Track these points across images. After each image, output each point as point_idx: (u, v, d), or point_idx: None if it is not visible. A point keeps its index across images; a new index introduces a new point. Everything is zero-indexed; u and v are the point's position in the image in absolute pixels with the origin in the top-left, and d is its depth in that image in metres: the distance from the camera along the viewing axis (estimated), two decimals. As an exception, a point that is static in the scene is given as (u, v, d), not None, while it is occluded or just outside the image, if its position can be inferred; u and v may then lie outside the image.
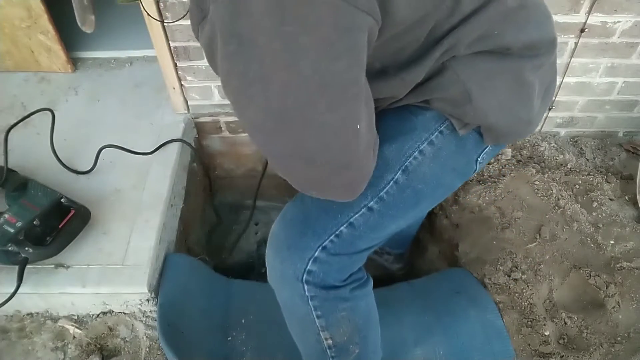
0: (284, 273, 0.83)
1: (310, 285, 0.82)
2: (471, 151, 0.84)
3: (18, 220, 1.13)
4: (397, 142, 0.80)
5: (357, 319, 0.89)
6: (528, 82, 0.78)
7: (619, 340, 1.19)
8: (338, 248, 0.81)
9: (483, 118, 0.78)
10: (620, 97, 1.61)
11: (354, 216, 0.80)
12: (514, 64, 0.75)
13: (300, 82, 0.56)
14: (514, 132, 0.84)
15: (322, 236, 0.80)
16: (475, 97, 0.74)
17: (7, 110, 1.63)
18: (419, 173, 0.80)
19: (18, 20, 1.61)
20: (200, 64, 1.47)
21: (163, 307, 1.19)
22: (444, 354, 1.21)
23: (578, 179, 1.55)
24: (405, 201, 0.82)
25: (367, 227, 0.81)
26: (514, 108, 0.79)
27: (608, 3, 1.33)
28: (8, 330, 1.23)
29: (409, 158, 0.79)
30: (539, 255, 1.34)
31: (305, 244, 0.81)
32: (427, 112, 0.80)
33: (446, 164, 0.82)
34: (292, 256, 0.82)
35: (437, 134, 0.80)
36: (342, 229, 0.80)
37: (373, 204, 0.80)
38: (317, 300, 0.84)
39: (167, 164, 1.45)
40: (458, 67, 0.73)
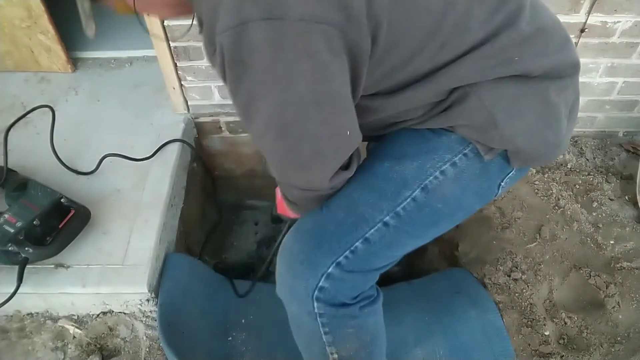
0: (295, 288, 0.82)
1: (321, 302, 0.80)
2: (495, 175, 0.83)
3: (18, 220, 1.13)
4: (418, 161, 0.80)
5: (365, 336, 0.88)
6: (554, 104, 0.77)
7: (619, 340, 1.19)
8: (353, 265, 0.79)
9: (510, 143, 0.77)
10: (620, 97, 1.61)
11: (370, 231, 0.79)
12: (539, 86, 0.75)
13: (297, 100, 0.64)
14: (542, 155, 0.83)
15: (337, 252, 0.79)
16: (501, 123, 0.74)
17: (7, 110, 1.63)
18: (439, 193, 0.79)
19: (18, 20, 1.61)
20: (200, 64, 1.47)
21: (163, 307, 1.19)
22: (444, 354, 1.21)
23: (578, 179, 1.55)
24: (423, 220, 0.81)
25: (383, 244, 0.80)
26: (542, 131, 0.78)
27: (608, 3, 1.33)
28: (8, 330, 1.23)
29: (429, 177, 0.79)
30: (539, 255, 1.34)
31: (319, 259, 0.79)
32: (452, 134, 0.79)
33: (468, 186, 0.81)
34: (305, 271, 0.80)
35: (461, 156, 0.79)
36: (358, 244, 0.79)
37: (389, 219, 0.79)
38: (325, 317, 0.82)
39: (167, 164, 1.45)
40: (482, 93, 0.73)
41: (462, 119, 0.75)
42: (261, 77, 0.63)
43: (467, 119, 0.75)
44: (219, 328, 1.27)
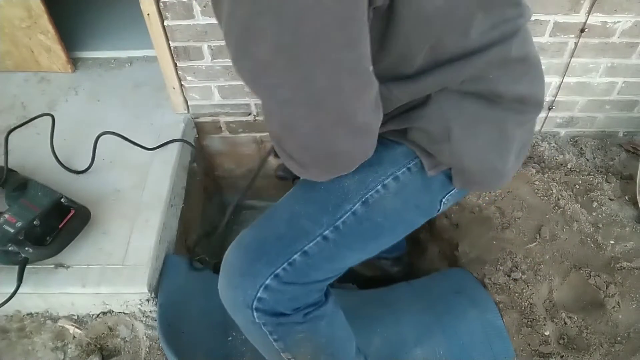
0: (235, 300, 0.82)
1: (260, 312, 0.80)
2: (436, 191, 0.83)
3: (18, 220, 1.13)
4: (360, 174, 0.78)
5: (318, 339, 0.87)
6: (510, 136, 0.78)
7: (619, 340, 1.19)
8: (291, 277, 0.79)
9: (457, 160, 0.76)
10: (620, 97, 1.61)
11: (309, 244, 0.78)
12: (501, 114, 0.75)
13: (320, 11, 0.50)
14: (485, 181, 0.82)
15: (275, 263, 0.79)
16: (454, 138, 0.73)
17: (7, 110, 1.63)
18: (380, 207, 0.78)
19: (18, 20, 1.61)
20: (200, 64, 1.47)
21: (163, 307, 1.19)
22: (444, 354, 1.21)
23: (578, 179, 1.55)
24: (363, 233, 0.80)
25: (322, 257, 0.79)
26: (491, 158, 0.78)
27: (608, 3, 1.33)
28: (8, 330, 1.23)
29: (370, 191, 0.78)
30: (539, 255, 1.34)
31: (257, 270, 0.79)
32: (398, 147, 0.79)
33: (409, 200, 0.81)
34: (244, 283, 0.80)
35: (405, 170, 0.79)
36: (296, 257, 0.78)
37: (328, 232, 0.78)
38: (269, 326, 0.82)
39: (167, 163, 1.45)
40: (445, 102, 0.72)
41: (420, 122, 0.74)
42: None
43: (424, 123, 0.74)
44: (219, 328, 1.27)
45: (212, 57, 1.45)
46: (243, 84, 1.53)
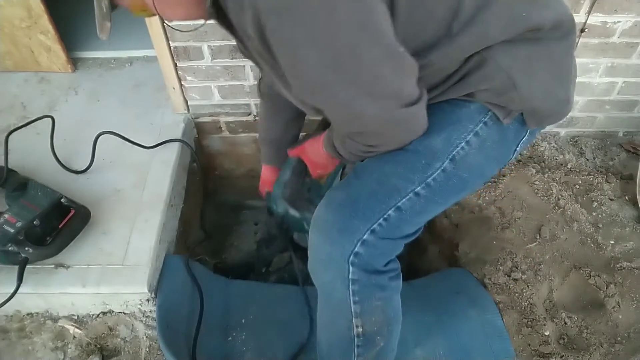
0: (332, 255, 0.85)
1: (355, 267, 0.84)
2: (511, 140, 0.88)
3: (18, 220, 1.13)
4: (444, 132, 0.83)
5: (389, 311, 0.92)
6: (563, 64, 0.84)
7: (619, 340, 1.19)
8: (386, 232, 0.83)
9: (528, 103, 0.81)
10: (620, 97, 1.61)
11: (402, 200, 0.83)
12: (548, 47, 0.80)
13: (341, 27, 0.64)
14: (555, 113, 0.87)
15: (371, 219, 0.83)
16: (519, 84, 0.78)
17: (7, 110, 1.63)
18: (466, 163, 0.84)
19: (18, 20, 1.61)
20: (200, 64, 1.47)
21: (162, 307, 1.19)
22: (444, 354, 1.21)
23: (578, 179, 1.55)
24: (451, 188, 0.85)
25: (413, 212, 0.84)
26: (555, 89, 0.84)
27: (608, 3, 1.33)
28: (8, 330, 1.23)
29: (456, 148, 0.83)
30: (539, 255, 1.34)
31: (355, 226, 0.83)
32: (470, 104, 0.83)
33: (489, 154, 0.86)
34: (341, 238, 0.84)
35: (482, 125, 0.83)
36: (391, 212, 0.83)
37: (420, 189, 0.83)
38: (357, 284, 0.86)
39: (167, 163, 1.45)
40: (498, 57, 0.77)
41: (483, 83, 0.79)
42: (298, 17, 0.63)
43: (487, 83, 0.79)
44: (219, 328, 1.27)
45: (212, 57, 1.45)
46: (243, 84, 1.54)
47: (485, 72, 0.78)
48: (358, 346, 0.93)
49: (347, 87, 0.70)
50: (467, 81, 0.80)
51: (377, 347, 0.94)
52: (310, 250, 0.90)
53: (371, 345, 0.93)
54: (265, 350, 1.24)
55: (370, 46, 0.67)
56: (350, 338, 0.92)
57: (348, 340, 0.92)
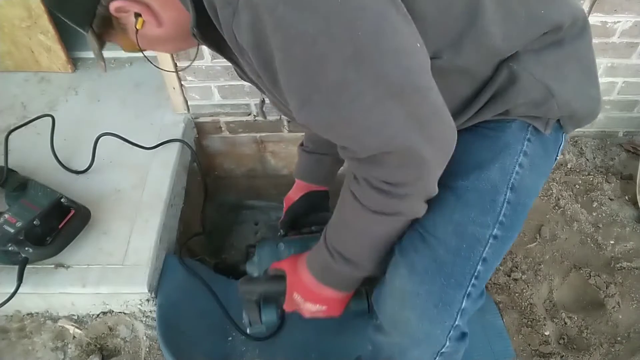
0: (431, 333, 0.77)
1: (453, 341, 0.77)
2: (552, 151, 0.84)
3: (18, 220, 1.13)
4: (497, 161, 0.77)
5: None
6: (588, 60, 0.82)
7: (619, 340, 1.20)
8: (478, 291, 0.76)
9: (566, 108, 0.77)
10: (620, 97, 1.61)
11: (485, 249, 0.75)
12: (572, 46, 0.77)
13: (360, 14, 0.55)
14: (591, 112, 0.84)
15: (464, 283, 0.75)
16: (555, 90, 0.74)
17: (7, 110, 1.63)
18: (524, 187, 0.78)
19: (18, 20, 1.61)
20: (200, 64, 1.47)
21: (162, 307, 1.19)
22: (444, 354, 1.20)
23: (578, 179, 1.55)
24: (518, 219, 0.79)
25: (495, 258, 0.77)
26: (587, 89, 0.81)
27: (608, 3, 1.33)
28: (8, 330, 1.23)
29: (512, 174, 0.77)
30: (539, 255, 1.34)
31: (451, 297, 0.75)
32: (511, 123, 0.78)
33: (540, 171, 0.82)
34: (441, 314, 0.75)
35: (527, 143, 0.78)
36: (479, 267, 0.75)
37: (496, 231, 0.76)
38: (444, 355, 0.80)
39: (167, 163, 1.45)
40: (529, 67, 0.73)
41: (520, 98, 0.74)
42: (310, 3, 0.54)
43: (524, 96, 0.74)
44: (219, 328, 1.27)
45: (212, 57, 1.45)
46: (243, 84, 1.53)
47: (519, 86, 0.72)
48: None
49: (374, 85, 0.58)
50: (502, 98, 0.74)
51: None
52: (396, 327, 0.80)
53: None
54: (266, 350, 1.24)
55: (392, 36, 0.57)
56: None
57: None
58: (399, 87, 0.59)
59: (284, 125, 1.68)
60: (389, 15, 0.57)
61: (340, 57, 0.56)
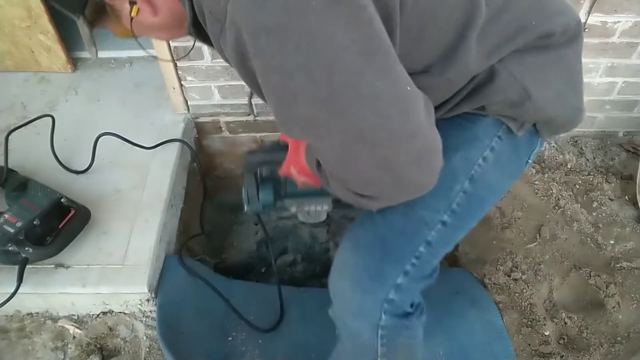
0: (364, 304, 0.80)
1: (388, 314, 0.79)
2: (523, 153, 0.84)
3: (18, 220, 1.13)
4: (462, 150, 0.78)
5: (415, 349, 0.88)
6: (574, 70, 0.81)
7: (619, 340, 1.20)
8: (418, 271, 0.78)
9: (542, 113, 0.77)
10: (620, 97, 1.61)
11: (431, 233, 0.78)
12: (559, 53, 0.77)
13: (342, 55, 0.54)
14: (570, 121, 0.84)
15: (403, 261, 0.78)
16: (533, 94, 0.74)
17: (7, 110, 1.63)
18: (483, 180, 0.79)
19: (18, 20, 1.61)
20: (200, 64, 1.47)
21: (162, 307, 1.19)
22: (444, 354, 1.20)
23: (578, 179, 1.55)
24: (472, 211, 0.80)
25: (442, 243, 0.80)
26: (568, 97, 0.80)
27: (608, 3, 1.33)
28: (8, 330, 1.23)
29: (474, 166, 0.78)
30: (539, 255, 1.34)
31: (386, 271, 0.78)
32: (485, 118, 0.79)
33: (505, 169, 0.82)
34: (374, 286, 0.78)
35: (496, 139, 0.79)
36: (422, 249, 0.78)
37: (446, 217, 0.78)
38: (386, 329, 0.81)
39: (167, 164, 1.45)
40: (510, 67, 0.73)
41: (495, 95, 0.74)
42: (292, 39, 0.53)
43: (500, 95, 0.74)
44: (219, 328, 1.27)
45: (212, 57, 1.45)
46: (243, 84, 1.53)
47: (497, 83, 0.73)
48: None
49: (344, 130, 0.58)
50: (479, 94, 0.75)
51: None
52: (335, 297, 0.84)
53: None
54: (266, 350, 1.24)
55: (374, 81, 0.56)
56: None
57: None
58: (371, 135, 0.58)
59: (284, 125, 1.68)
60: (373, 57, 0.55)
61: (313, 96, 0.56)
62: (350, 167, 0.63)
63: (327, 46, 0.53)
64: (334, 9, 0.52)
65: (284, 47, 0.53)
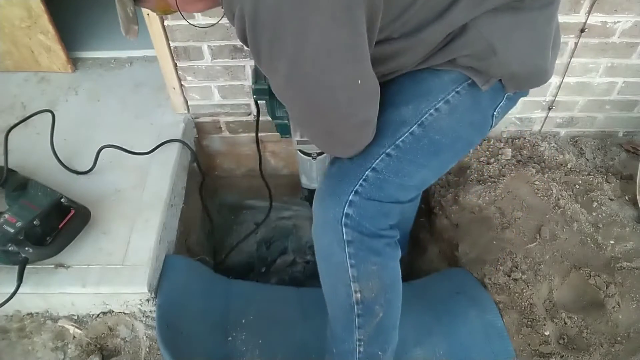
0: (326, 217, 0.93)
1: (348, 228, 0.91)
2: (487, 107, 0.94)
3: (18, 220, 1.13)
4: (413, 103, 0.91)
5: (385, 277, 0.97)
6: (542, 33, 0.89)
7: (619, 340, 1.20)
8: (368, 192, 0.91)
9: (506, 69, 0.87)
10: (620, 97, 1.61)
11: (375, 161, 0.91)
12: (529, 15, 0.85)
13: (311, 52, 0.70)
14: (533, 79, 0.94)
15: (353, 181, 0.91)
16: (499, 50, 0.84)
17: (7, 110, 1.63)
18: (435, 126, 0.90)
19: (18, 20, 1.61)
20: (200, 64, 1.47)
21: (162, 307, 1.19)
22: (444, 354, 1.21)
23: (578, 179, 1.55)
24: (423, 149, 0.91)
25: (390, 171, 0.92)
26: (533, 57, 0.90)
27: (608, 3, 1.33)
28: (8, 330, 1.23)
29: (424, 115, 0.90)
30: (539, 255, 1.34)
31: (340, 189, 0.92)
32: (445, 75, 0.90)
33: (462, 118, 0.92)
34: (332, 201, 0.92)
35: (454, 94, 0.89)
36: (368, 173, 0.91)
37: (390, 150, 0.91)
38: (352, 246, 0.92)
39: (167, 164, 1.45)
40: (480, 25, 0.82)
41: (464, 49, 0.84)
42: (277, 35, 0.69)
43: (468, 49, 0.84)
44: (219, 328, 1.27)
45: (212, 57, 1.45)
46: (243, 84, 1.54)
47: (466, 38, 0.83)
48: (358, 315, 0.97)
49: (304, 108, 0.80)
50: (449, 48, 0.85)
51: (377, 318, 0.98)
52: (313, 217, 0.97)
53: (371, 314, 0.97)
54: (266, 350, 1.24)
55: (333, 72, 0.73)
56: (350, 305, 0.96)
57: (349, 307, 0.97)
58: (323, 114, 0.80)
59: (284, 125, 1.68)
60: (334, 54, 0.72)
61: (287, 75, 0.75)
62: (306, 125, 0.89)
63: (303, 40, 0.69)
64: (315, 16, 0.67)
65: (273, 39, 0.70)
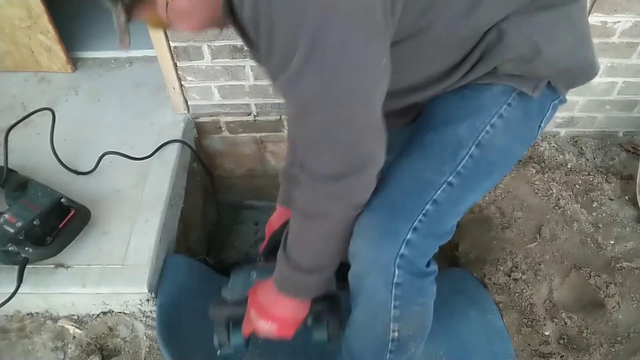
0: (377, 259, 0.84)
1: (402, 269, 0.83)
2: (535, 117, 0.89)
3: (18, 220, 1.13)
4: (468, 120, 0.84)
5: (426, 318, 0.92)
6: (580, 23, 0.85)
7: (619, 340, 1.19)
8: (427, 228, 0.83)
9: (554, 66, 0.82)
10: (620, 97, 1.61)
11: (437, 193, 0.83)
12: (564, 9, 0.81)
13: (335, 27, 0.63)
14: (584, 74, 0.89)
15: (411, 218, 0.83)
16: (543, 48, 0.78)
17: (7, 110, 1.63)
18: (492, 145, 0.84)
19: (18, 20, 1.61)
20: (200, 64, 1.47)
21: (162, 307, 1.19)
22: (444, 354, 1.20)
23: (578, 179, 1.55)
24: (482, 173, 0.86)
25: (450, 203, 0.85)
26: (578, 50, 0.85)
27: (608, 3, 1.33)
28: (8, 330, 1.23)
29: (481, 133, 0.83)
30: (539, 255, 1.34)
31: (396, 227, 0.83)
32: (493, 88, 0.84)
33: (515, 133, 0.87)
34: (385, 241, 0.83)
35: (506, 107, 0.84)
36: (428, 207, 0.83)
37: (452, 178, 0.83)
38: (400, 289, 0.85)
39: (167, 164, 1.45)
40: (519, 24, 0.77)
41: (507, 53, 0.79)
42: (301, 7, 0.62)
43: (510, 52, 0.79)
44: (219, 328, 1.27)
45: (212, 57, 1.45)
46: (243, 84, 1.54)
47: (507, 42, 0.77)
48: (391, 351, 0.92)
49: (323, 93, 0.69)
50: (490, 55, 0.79)
51: (408, 353, 0.93)
52: (353, 258, 0.88)
53: (403, 351, 0.92)
54: (266, 351, 1.24)
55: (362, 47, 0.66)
56: (385, 342, 0.90)
57: (382, 344, 0.91)
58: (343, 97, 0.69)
59: (284, 125, 1.68)
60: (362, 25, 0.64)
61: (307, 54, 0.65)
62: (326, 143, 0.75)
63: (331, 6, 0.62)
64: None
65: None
